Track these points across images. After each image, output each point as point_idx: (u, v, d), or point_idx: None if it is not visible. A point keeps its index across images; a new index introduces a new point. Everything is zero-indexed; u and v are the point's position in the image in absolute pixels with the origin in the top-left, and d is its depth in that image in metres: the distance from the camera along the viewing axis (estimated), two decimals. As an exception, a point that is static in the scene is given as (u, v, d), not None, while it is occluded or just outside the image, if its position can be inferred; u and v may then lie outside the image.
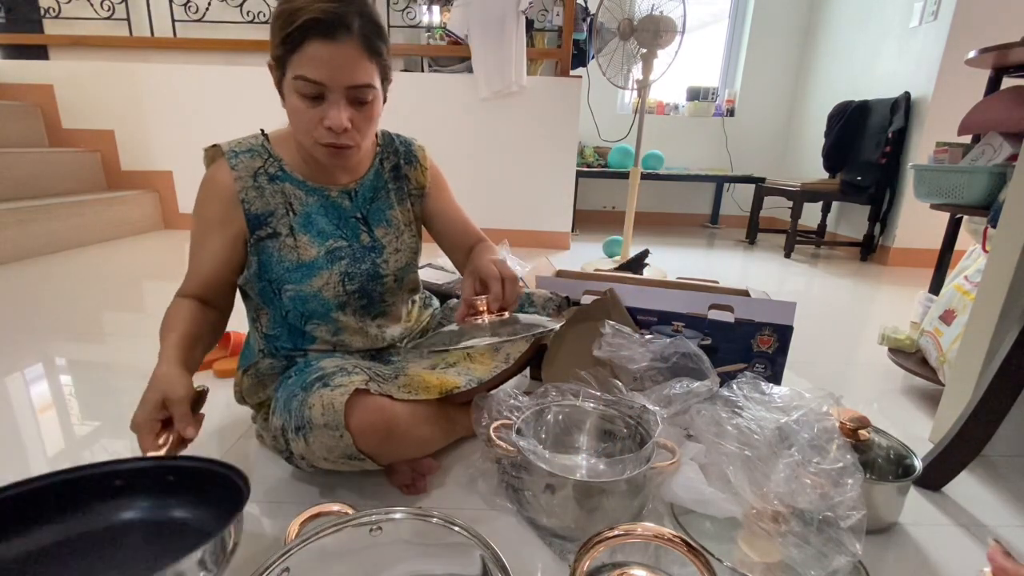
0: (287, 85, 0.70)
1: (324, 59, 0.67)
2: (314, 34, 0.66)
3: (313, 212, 0.80)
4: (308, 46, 0.66)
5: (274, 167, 0.78)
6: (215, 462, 0.59)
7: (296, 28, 0.66)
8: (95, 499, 0.55)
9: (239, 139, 0.79)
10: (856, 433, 0.79)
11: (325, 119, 0.70)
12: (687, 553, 0.46)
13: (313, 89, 0.68)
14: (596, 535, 0.49)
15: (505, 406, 0.80)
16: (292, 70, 0.68)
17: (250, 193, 0.76)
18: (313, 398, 0.69)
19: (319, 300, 0.80)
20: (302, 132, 0.73)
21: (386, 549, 0.53)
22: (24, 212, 2.13)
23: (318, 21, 0.65)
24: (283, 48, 0.68)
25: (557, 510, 0.69)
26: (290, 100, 0.71)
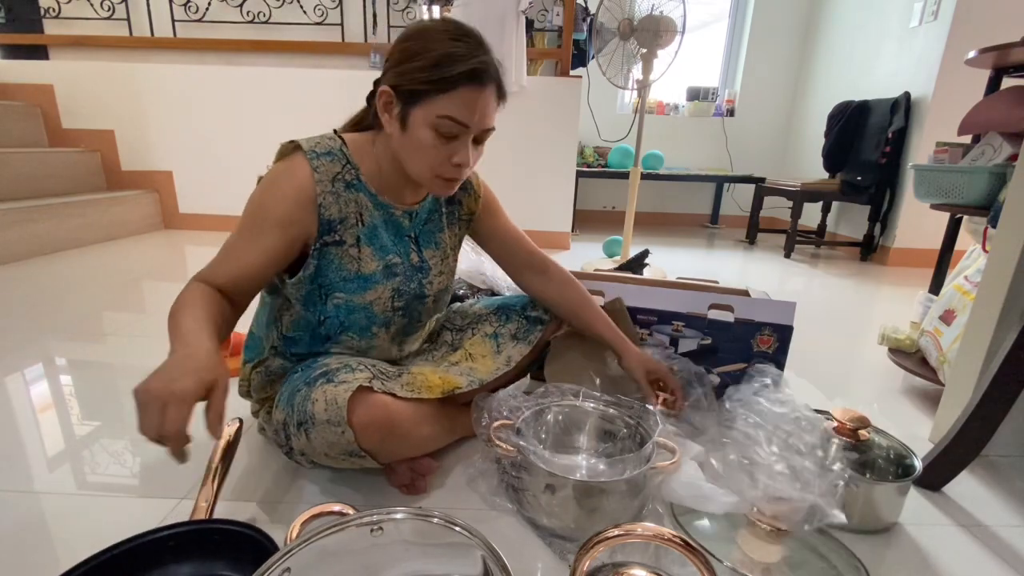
0: (421, 119, 0.71)
1: (473, 104, 0.71)
2: (469, 81, 0.69)
3: (379, 226, 0.80)
4: (461, 90, 0.70)
5: (351, 174, 0.77)
6: (253, 528, 0.60)
7: (458, 73, 0.69)
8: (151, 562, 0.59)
9: (316, 139, 0.77)
10: (856, 433, 0.79)
11: (455, 157, 0.73)
12: (687, 553, 0.46)
13: (456, 130, 0.71)
14: (596, 535, 0.49)
15: (505, 406, 0.80)
16: (436, 108, 0.70)
17: (328, 198, 0.74)
18: (316, 393, 0.69)
19: (367, 312, 0.80)
20: (425, 165, 0.74)
21: (387, 549, 0.53)
22: (24, 212, 2.12)
23: (476, 71, 0.70)
24: (430, 85, 0.69)
25: (557, 510, 0.69)
26: (421, 133, 0.72)
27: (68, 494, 0.78)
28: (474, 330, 0.99)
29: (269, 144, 0.79)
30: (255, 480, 0.81)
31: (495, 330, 0.97)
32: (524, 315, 0.98)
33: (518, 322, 0.98)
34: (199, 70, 2.70)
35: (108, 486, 0.80)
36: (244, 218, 0.73)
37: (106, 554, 0.56)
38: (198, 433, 0.61)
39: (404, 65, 0.71)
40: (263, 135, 2.74)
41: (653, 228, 3.81)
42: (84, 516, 0.73)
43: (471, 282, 1.38)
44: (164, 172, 2.85)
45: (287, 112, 2.70)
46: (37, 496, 0.77)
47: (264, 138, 2.77)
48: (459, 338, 0.99)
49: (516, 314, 0.99)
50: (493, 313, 1.00)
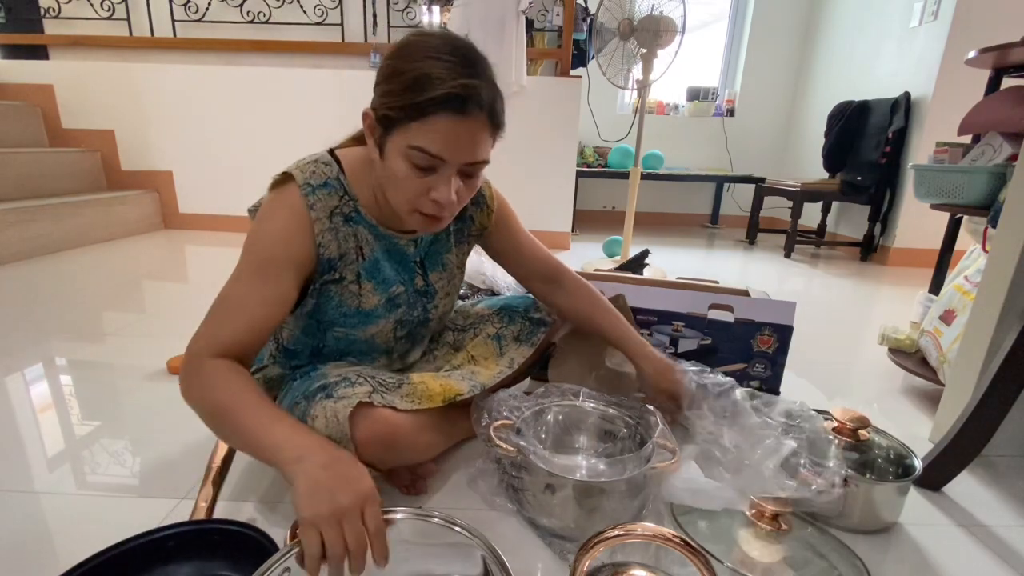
0: (396, 148, 0.64)
1: (450, 135, 0.62)
2: (445, 108, 0.60)
3: (380, 258, 0.77)
4: (436, 119, 0.60)
5: (349, 207, 0.71)
6: (253, 528, 0.60)
7: (429, 99, 0.59)
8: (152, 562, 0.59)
9: (311, 166, 0.70)
10: (856, 433, 0.79)
11: (432, 191, 0.65)
12: (687, 553, 0.46)
13: (429, 162, 0.63)
14: (596, 535, 0.49)
15: (505, 406, 0.80)
16: (409, 138, 0.62)
17: (326, 236, 0.69)
18: (316, 409, 0.68)
19: (368, 344, 0.80)
20: (402, 199, 0.67)
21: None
22: (24, 212, 2.12)
23: (456, 96, 0.60)
24: (402, 112, 0.61)
25: (557, 510, 0.69)
26: (395, 164, 0.64)
27: (68, 494, 0.78)
28: (476, 331, 0.98)
29: (269, 144, 0.79)
30: (255, 480, 0.81)
31: (498, 331, 0.96)
32: (527, 317, 0.97)
33: (521, 324, 0.97)
34: (199, 70, 2.70)
35: (108, 486, 0.80)
36: (246, 265, 0.66)
37: (106, 554, 0.56)
38: (198, 433, 0.61)
39: (383, 86, 0.64)
40: (263, 135, 2.74)
41: (653, 228, 3.81)
42: (84, 516, 0.73)
43: (471, 282, 1.38)
44: (164, 172, 2.85)
45: (287, 112, 2.70)
46: (37, 496, 0.77)
47: (264, 138, 2.77)
48: (461, 338, 0.99)
49: (519, 316, 0.97)
50: (496, 314, 0.99)
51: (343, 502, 0.50)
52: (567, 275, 0.94)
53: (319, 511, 0.49)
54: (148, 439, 0.92)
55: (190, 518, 0.65)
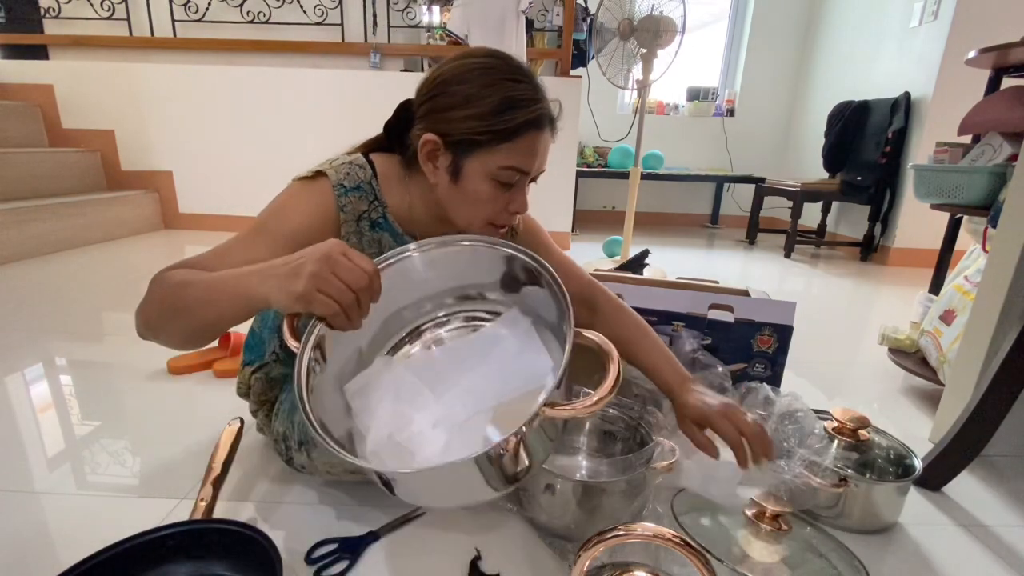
0: (480, 170, 0.65)
1: (534, 151, 0.66)
2: (532, 128, 0.64)
3: None
4: (524, 138, 0.64)
5: (377, 213, 0.72)
6: (252, 528, 0.60)
7: (522, 123, 0.63)
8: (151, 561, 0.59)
9: (345, 167, 0.70)
10: (856, 433, 0.79)
11: (512, 204, 0.69)
12: (687, 553, 0.46)
13: (515, 177, 0.66)
14: (596, 535, 0.49)
15: (505, 406, 0.80)
16: (499, 159, 0.64)
17: (351, 239, 0.70)
18: None
19: None
20: (480, 217, 0.69)
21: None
22: (24, 212, 2.12)
23: (544, 116, 0.65)
24: (491, 135, 0.63)
25: (557, 510, 0.69)
26: (479, 185, 0.66)
27: (68, 494, 0.78)
28: None
29: (269, 144, 0.78)
30: (255, 480, 0.81)
31: None
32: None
33: None
34: (199, 70, 2.70)
35: (108, 486, 0.80)
36: (255, 223, 0.66)
37: (106, 554, 0.56)
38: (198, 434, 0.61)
39: (455, 112, 0.64)
40: (263, 135, 2.74)
41: (653, 228, 3.81)
42: (84, 516, 0.73)
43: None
44: (164, 172, 2.85)
45: (287, 112, 2.70)
46: (37, 496, 0.77)
47: (264, 138, 2.77)
48: None
49: None
50: None
51: (316, 264, 0.51)
52: (604, 297, 0.88)
53: (305, 284, 0.50)
54: (148, 439, 0.92)
55: (190, 518, 0.65)
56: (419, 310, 0.72)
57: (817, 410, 0.85)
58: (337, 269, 0.51)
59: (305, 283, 0.50)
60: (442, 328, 0.72)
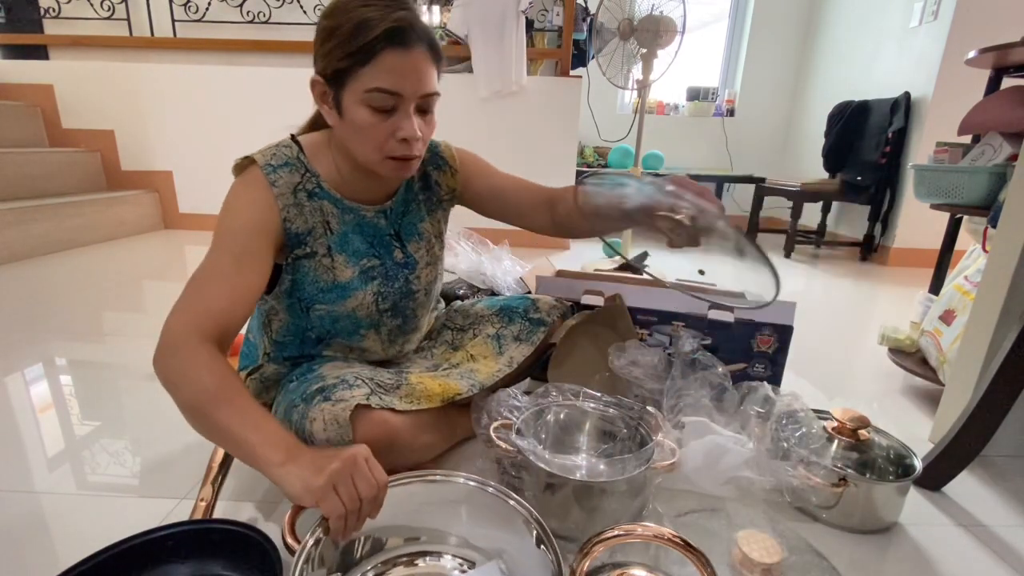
0: (352, 99, 0.66)
1: (401, 69, 0.65)
2: (390, 44, 0.64)
3: (349, 231, 0.78)
4: (384, 57, 0.64)
5: (311, 183, 0.74)
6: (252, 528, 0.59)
7: (373, 39, 0.63)
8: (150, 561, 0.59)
9: (272, 149, 0.74)
10: (856, 433, 0.79)
11: (399, 131, 0.68)
12: (687, 553, 0.46)
13: (389, 101, 0.66)
14: (596, 535, 0.49)
15: (505, 406, 0.80)
16: (363, 82, 0.65)
17: (291, 211, 0.72)
18: (314, 412, 0.68)
19: (352, 319, 0.80)
20: (371, 147, 0.69)
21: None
22: (24, 212, 2.12)
23: (395, 30, 0.63)
24: (350, 60, 0.64)
25: (557, 510, 0.69)
26: (357, 114, 0.67)
27: (68, 494, 0.78)
28: (476, 330, 0.98)
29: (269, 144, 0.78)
30: (255, 480, 0.81)
31: (497, 331, 0.97)
32: (527, 317, 0.98)
33: (521, 324, 0.97)
34: (199, 70, 2.70)
35: (108, 486, 0.80)
36: (218, 242, 0.67)
37: (106, 554, 0.56)
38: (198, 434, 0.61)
39: (325, 46, 0.67)
40: (263, 135, 2.73)
41: (653, 228, 3.80)
42: (84, 516, 0.73)
43: (471, 282, 1.38)
44: (164, 172, 2.85)
45: (287, 112, 2.69)
46: (37, 496, 0.77)
47: (264, 138, 2.76)
48: (460, 337, 0.99)
49: (519, 316, 0.98)
50: (495, 314, 0.99)
51: (337, 466, 0.52)
52: (560, 191, 0.89)
53: (326, 480, 0.51)
54: (148, 439, 0.92)
55: (190, 518, 0.65)
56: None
57: (817, 410, 0.85)
58: (356, 473, 0.53)
59: (326, 479, 0.51)
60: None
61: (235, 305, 0.65)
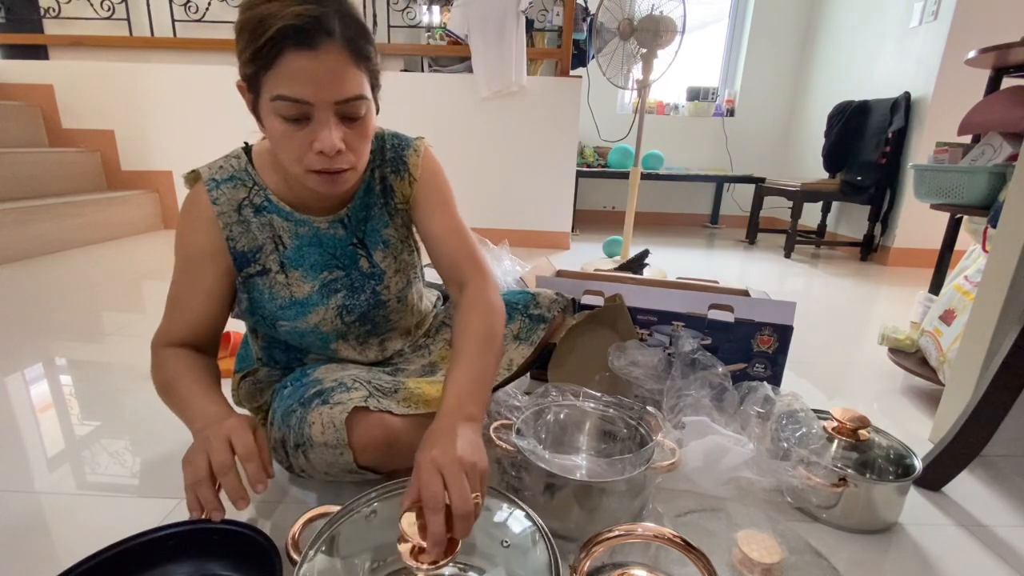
0: (264, 108, 0.60)
1: (306, 73, 0.56)
2: (290, 44, 0.55)
3: (304, 245, 0.74)
4: (285, 60, 0.55)
5: (259, 197, 0.70)
6: (252, 528, 0.59)
7: (268, 39, 0.55)
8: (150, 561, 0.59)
9: (220, 161, 0.71)
10: (856, 433, 0.79)
11: (315, 142, 0.59)
12: (687, 553, 0.46)
13: (297, 110, 0.58)
14: (596, 535, 0.49)
15: (505, 406, 0.80)
16: (268, 90, 0.57)
17: (235, 229, 0.69)
18: (312, 415, 0.68)
19: (317, 334, 0.78)
20: (290, 160, 0.62)
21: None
22: (24, 212, 2.12)
23: (294, 28, 0.54)
24: (254, 65, 0.57)
25: (557, 510, 0.69)
26: (270, 125, 0.60)
27: (68, 494, 0.78)
28: None
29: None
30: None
31: None
32: (527, 313, 0.94)
33: (521, 321, 0.93)
34: (199, 70, 2.70)
35: (108, 486, 0.80)
36: (176, 261, 0.71)
37: (106, 553, 0.56)
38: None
39: (237, 46, 0.59)
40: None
41: (653, 228, 3.81)
42: (84, 516, 0.73)
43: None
44: (164, 172, 2.85)
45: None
46: (37, 496, 0.77)
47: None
48: None
49: (519, 312, 0.94)
50: None
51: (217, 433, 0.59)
52: (473, 283, 0.74)
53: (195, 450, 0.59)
54: (148, 439, 0.92)
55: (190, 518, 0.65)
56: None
57: (817, 410, 0.85)
58: (210, 448, 0.58)
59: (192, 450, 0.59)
60: None
61: (197, 329, 0.72)
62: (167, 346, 0.70)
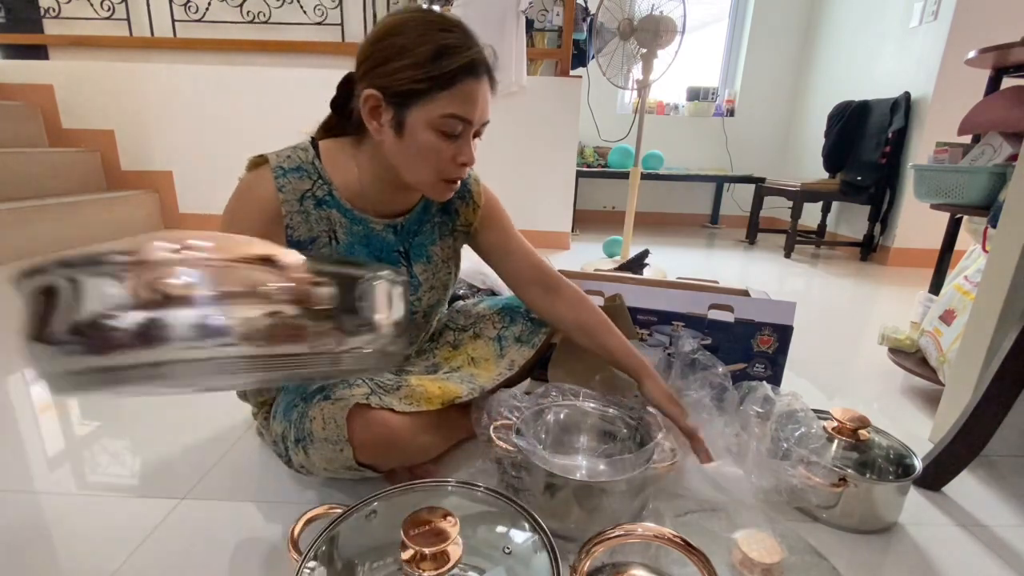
0: (422, 120, 0.67)
1: (474, 98, 0.67)
2: (469, 74, 0.66)
3: (355, 242, 0.77)
4: (463, 85, 0.66)
5: (322, 191, 0.74)
6: None
7: (457, 67, 0.65)
8: None
9: (287, 151, 0.74)
10: (856, 433, 0.79)
11: (459, 155, 0.70)
12: (687, 553, 0.46)
13: (458, 127, 0.68)
14: (596, 535, 0.49)
15: (505, 406, 0.80)
16: (439, 107, 0.66)
17: (295, 218, 0.72)
18: (314, 411, 0.68)
19: None
20: (429, 169, 0.70)
21: None
22: (24, 212, 2.12)
23: (474, 61, 0.66)
24: (429, 83, 0.65)
25: (557, 510, 0.69)
26: (423, 136, 0.68)
27: (68, 494, 0.78)
28: (477, 331, 0.98)
29: (269, 144, 0.78)
30: (255, 480, 0.81)
31: (499, 332, 0.96)
32: (529, 317, 0.97)
33: (523, 324, 0.96)
34: (199, 70, 2.70)
35: (108, 486, 0.80)
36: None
37: None
38: (197, 434, 0.61)
39: (392, 64, 0.65)
40: (263, 135, 2.73)
41: (653, 228, 3.81)
42: (84, 516, 0.73)
43: (471, 282, 1.38)
44: (164, 172, 2.85)
45: (287, 112, 2.69)
46: (37, 496, 0.77)
47: (264, 138, 2.76)
48: (460, 338, 0.99)
49: (521, 316, 0.97)
50: (497, 314, 0.99)
51: None
52: (564, 284, 0.90)
53: None
54: (148, 439, 0.92)
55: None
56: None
57: (817, 410, 0.85)
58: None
59: None
60: None
61: None
62: None
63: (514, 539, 0.58)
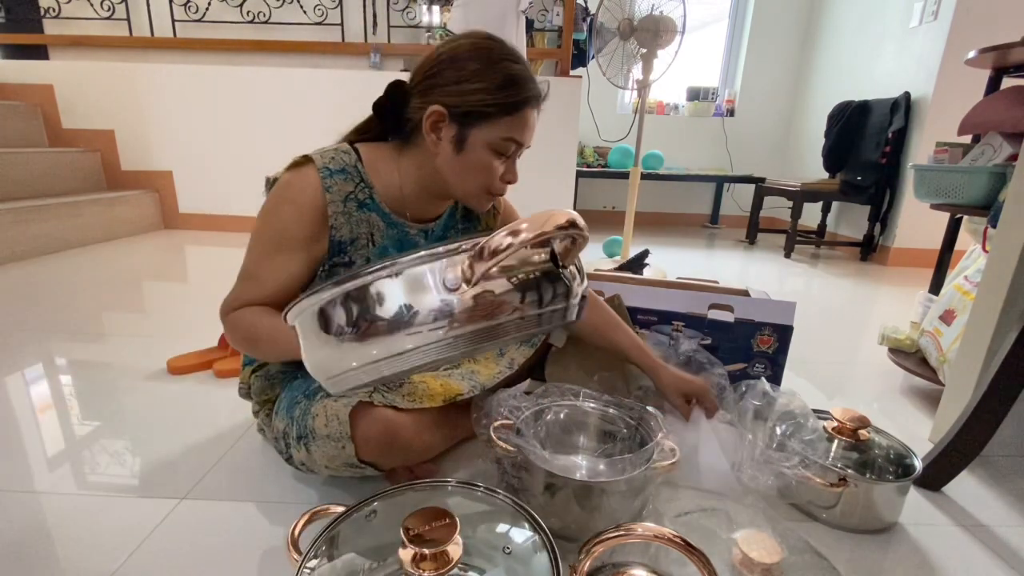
0: (483, 140, 0.71)
1: (531, 125, 0.74)
2: (530, 104, 0.72)
3: (390, 245, 0.80)
4: (525, 112, 0.72)
5: (364, 194, 0.76)
6: None
7: (524, 97, 0.71)
8: None
9: (331, 152, 0.75)
10: (856, 433, 0.79)
11: (507, 174, 0.76)
12: (687, 553, 0.46)
13: (511, 148, 0.73)
14: (596, 535, 0.49)
15: (505, 406, 0.80)
16: (502, 130, 0.71)
17: (339, 218, 0.74)
18: (316, 408, 0.69)
19: None
20: (479, 185, 0.75)
21: None
22: (24, 212, 2.12)
23: (537, 94, 0.73)
24: (497, 108, 0.70)
25: (557, 510, 0.69)
26: (480, 154, 0.72)
27: (68, 494, 0.78)
28: None
29: (269, 144, 0.79)
30: (255, 480, 0.81)
31: None
32: None
33: None
34: (199, 70, 2.70)
35: (108, 486, 0.80)
36: (263, 235, 0.72)
37: None
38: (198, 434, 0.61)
39: (465, 84, 0.70)
40: (263, 135, 2.74)
41: (653, 228, 3.81)
42: (84, 516, 0.73)
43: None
44: (164, 172, 2.85)
45: (287, 112, 2.70)
46: (37, 496, 0.77)
47: (264, 138, 2.77)
48: None
49: None
50: None
51: None
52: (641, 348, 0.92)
53: None
54: (148, 439, 0.92)
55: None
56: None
57: (817, 410, 0.85)
58: None
59: None
60: None
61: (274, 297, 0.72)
62: (246, 307, 0.72)
63: (514, 539, 0.58)
